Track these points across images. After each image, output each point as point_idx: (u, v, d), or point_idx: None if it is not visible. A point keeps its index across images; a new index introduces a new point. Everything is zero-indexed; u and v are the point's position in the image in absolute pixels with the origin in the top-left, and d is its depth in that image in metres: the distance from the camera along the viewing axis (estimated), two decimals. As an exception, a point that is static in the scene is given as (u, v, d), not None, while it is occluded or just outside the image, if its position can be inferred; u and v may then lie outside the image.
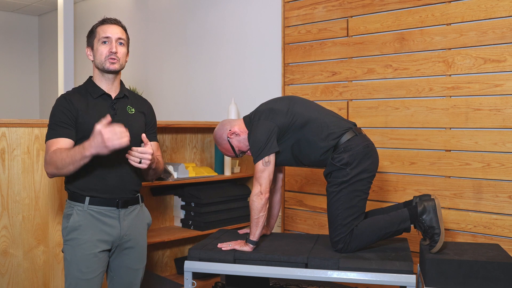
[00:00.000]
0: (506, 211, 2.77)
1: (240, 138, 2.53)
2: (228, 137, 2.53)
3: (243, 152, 2.57)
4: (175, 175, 3.24)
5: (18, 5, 6.92)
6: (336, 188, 2.36)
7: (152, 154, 2.01)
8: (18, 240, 2.51)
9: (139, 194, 2.18)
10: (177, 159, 3.53)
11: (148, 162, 1.99)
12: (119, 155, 2.01)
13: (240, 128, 2.54)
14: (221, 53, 4.41)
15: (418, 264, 2.50)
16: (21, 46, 7.43)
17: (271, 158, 2.37)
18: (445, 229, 2.91)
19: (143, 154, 1.98)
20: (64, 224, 2.06)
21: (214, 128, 3.48)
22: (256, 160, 2.37)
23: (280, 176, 2.72)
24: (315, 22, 3.60)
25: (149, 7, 5.23)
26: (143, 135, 2.06)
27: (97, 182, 2.03)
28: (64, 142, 1.98)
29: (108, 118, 1.85)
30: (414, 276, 2.16)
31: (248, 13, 4.18)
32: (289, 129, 2.44)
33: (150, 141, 2.21)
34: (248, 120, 2.54)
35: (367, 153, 2.38)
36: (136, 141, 2.12)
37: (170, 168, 3.24)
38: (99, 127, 1.81)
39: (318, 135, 2.41)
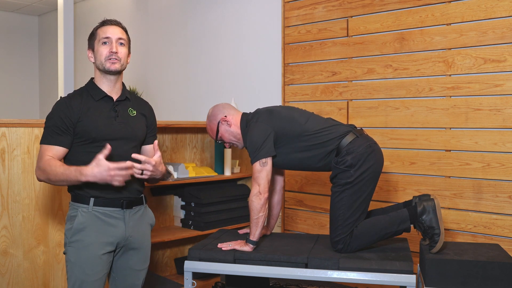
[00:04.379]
0: (506, 211, 2.77)
1: (228, 129, 2.55)
2: (219, 121, 2.54)
3: (223, 141, 2.59)
4: (175, 175, 3.24)
5: (18, 5, 6.92)
6: (340, 189, 2.36)
7: (154, 165, 2.00)
8: (18, 240, 2.51)
9: (143, 195, 2.18)
10: (177, 159, 3.53)
11: (149, 173, 2.00)
12: (122, 156, 2.01)
13: (235, 120, 2.55)
14: (221, 53, 4.41)
15: (418, 264, 2.50)
16: (21, 46, 7.43)
17: (268, 159, 2.38)
18: (445, 229, 2.91)
19: (145, 165, 1.98)
20: (68, 225, 2.04)
21: (214, 128, 3.47)
22: (253, 161, 2.39)
23: (281, 178, 2.72)
24: (315, 22, 3.60)
25: (149, 7, 5.23)
26: (155, 143, 2.08)
27: (101, 186, 2.00)
28: (57, 150, 1.99)
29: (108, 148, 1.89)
30: (414, 276, 2.16)
31: (248, 13, 4.17)
32: (286, 135, 2.44)
33: (149, 143, 2.23)
34: (246, 119, 2.55)
35: (370, 153, 2.38)
36: (137, 143, 2.13)
37: (170, 168, 3.24)
38: (108, 164, 1.85)
39: (315, 142, 2.43)
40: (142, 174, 1.99)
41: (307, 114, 2.54)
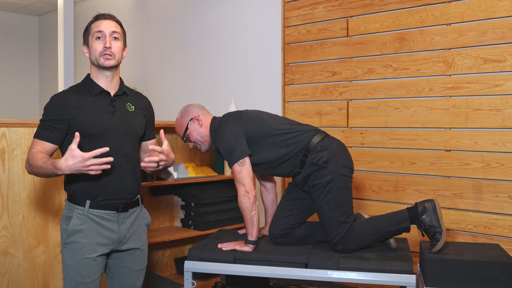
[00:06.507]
0: (506, 211, 2.77)
1: (198, 128, 2.53)
2: (192, 118, 2.53)
3: (188, 140, 2.57)
4: (175, 175, 3.23)
5: (18, 5, 6.92)
6: (323, 190, 2.36)
7: (167, 155, 2.02)
8: (18, 240, 2.51)
9: (139, 196, 2.16)
10: (177, 159, 3.53)
11: (164, 163, 2.03)
12: (120, 152, 2.00)
13: (205, 122, 2.54)
14: (221, 53, 4.41)
15: (418, 264, 2.50)
16: (21, 46, 7.43)
17: (245, 158, 2.38)
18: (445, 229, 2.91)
19: (161, 156, 2.01)
20: (64, 226, 2.03)
21: (214, 128, 3.47)
22: (230, 164, 2.38)
23: (269, 177, 2.72)
24: (315, 22, 3.60)
25: (149, 7, 5.23)
26: (161, 132, 2.04)
27: (98, 186, 2.00)
28: (44, 145, 1.96)
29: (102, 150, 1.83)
30: (414, 276, 2.16)
31: (248, 13, 4.17)
32: (257, 135, 2.44)
33: (149, 139, 2.22)
34: (215, 123, 2.53)
35: (343, 150, 2.45)
36: (135, 139, 2.11)
37: (170, 168, 3.24)
38: (82, 155, 1.78)
39: (286, 138, 2.44)
40: (158, 166, 2.02)
41: (276, 116, 2.58)
